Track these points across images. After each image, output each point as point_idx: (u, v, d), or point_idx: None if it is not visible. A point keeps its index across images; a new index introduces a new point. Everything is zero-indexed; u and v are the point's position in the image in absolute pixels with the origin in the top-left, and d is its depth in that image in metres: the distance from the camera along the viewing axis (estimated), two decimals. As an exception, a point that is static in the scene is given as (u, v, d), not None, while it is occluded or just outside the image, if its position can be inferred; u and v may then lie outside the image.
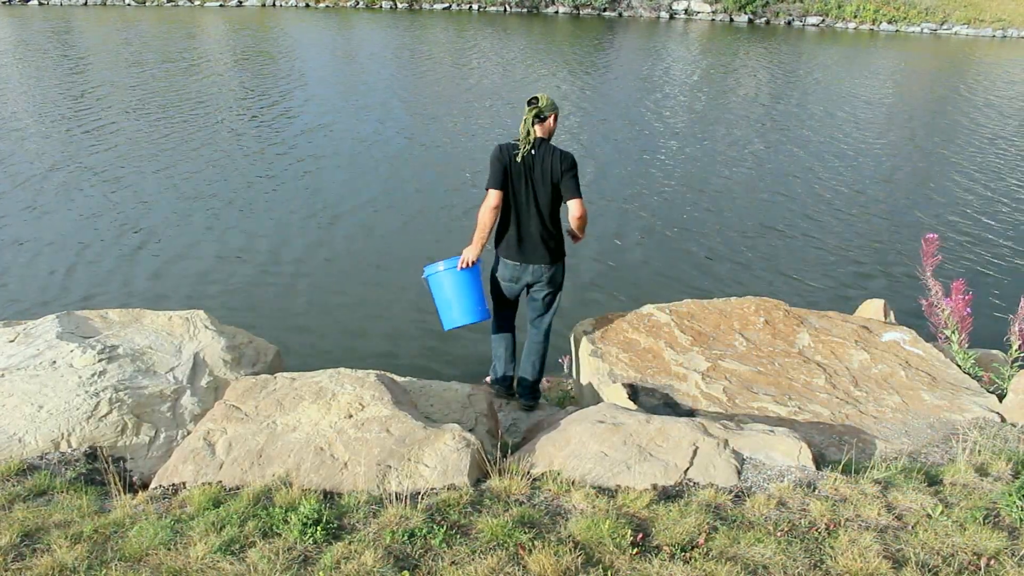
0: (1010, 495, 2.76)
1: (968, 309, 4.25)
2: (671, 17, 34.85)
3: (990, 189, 11.62)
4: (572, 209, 4.12)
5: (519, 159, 4.06)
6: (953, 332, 4.31)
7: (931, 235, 4.41)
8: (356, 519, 2.66)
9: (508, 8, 34.74)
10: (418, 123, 14.57)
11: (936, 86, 21.03)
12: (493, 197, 4.06)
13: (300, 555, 2.47)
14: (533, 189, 4.10)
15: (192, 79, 17.73)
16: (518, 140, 4.11)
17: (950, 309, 4.29)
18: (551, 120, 4.12)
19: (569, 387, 5.16)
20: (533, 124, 4.07)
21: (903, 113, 17.41)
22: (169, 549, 2.50)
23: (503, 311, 4.48)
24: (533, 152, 4.08)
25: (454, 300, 4.18)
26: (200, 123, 13.75)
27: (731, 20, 34.39)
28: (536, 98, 4.09)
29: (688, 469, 2.99)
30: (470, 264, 4.15)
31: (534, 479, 2.97)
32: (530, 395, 4.55)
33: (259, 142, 12.78)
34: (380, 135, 13.56)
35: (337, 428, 3.11)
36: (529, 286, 4.32)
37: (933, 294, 4.38)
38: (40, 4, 31.80)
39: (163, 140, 12.58)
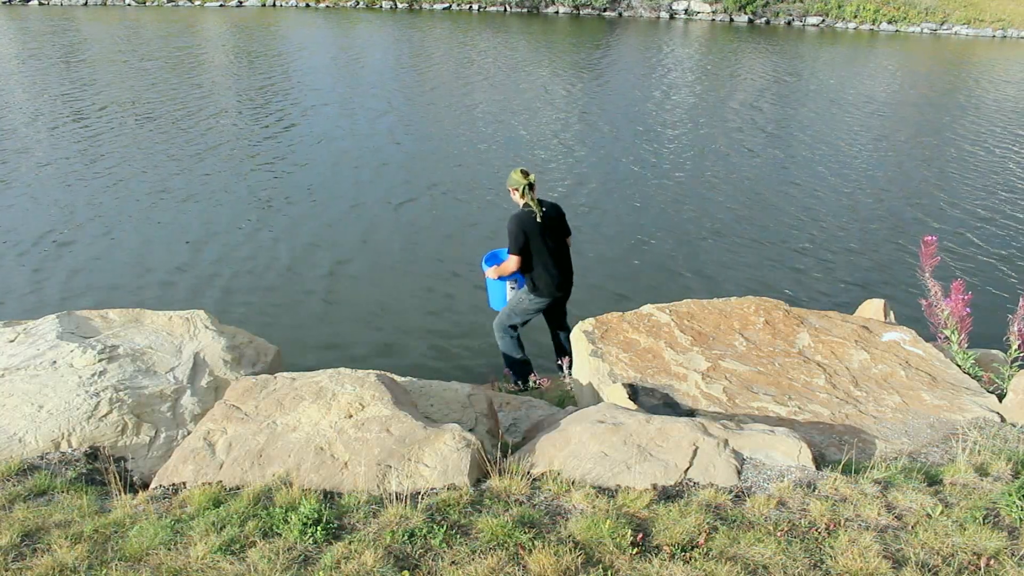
0: (1010, 495, 2.76)
1: (967, 309, 4.24)
2: (671, 17, 34.85)
3: (991, 188, 11.62)
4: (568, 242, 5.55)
5: (539, 219, 5.18)
6: (952, 332, 4.31)
7: (929, 237, 4.40)
8: (356, 519, 2.66)
9: (508, 8, 34.74)
10: (418, 123, 14.57)
11: (936, 86, 21.03)
12: (515, 263, 5.21)
13: (300, 555, 2.47)
14: (555, 239, 5.31)
15: (191, 79, 17.73)
16: (527, 206, 5.21)
17: (949, 310, 4.28)
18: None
19: (569, 387, 5.16)
20: (532, 190, 5.19)
21: (903, 113, 17.41)
22: (169, 549, 2.50)
23: (519, 328, 5.64)
24: (544, 210, 5.22)
25: (496, 294, 5.71)
26: (198, 123, 13.75)
27: (731, 20, 34.39)
28: (527, 171, 5.21)
29: (688, 469, 2.99)
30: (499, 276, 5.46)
31: (534, 479, 2.97)
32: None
33: (257, 142, 12.78)
34: (380, 135, 13.56)
35: (337, 428, 3.11)
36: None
37: (932, 295, 4.38)
38: (40, 4, 31.81)
39: (161, 140, 12.58)
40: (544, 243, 5.27)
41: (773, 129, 15.20)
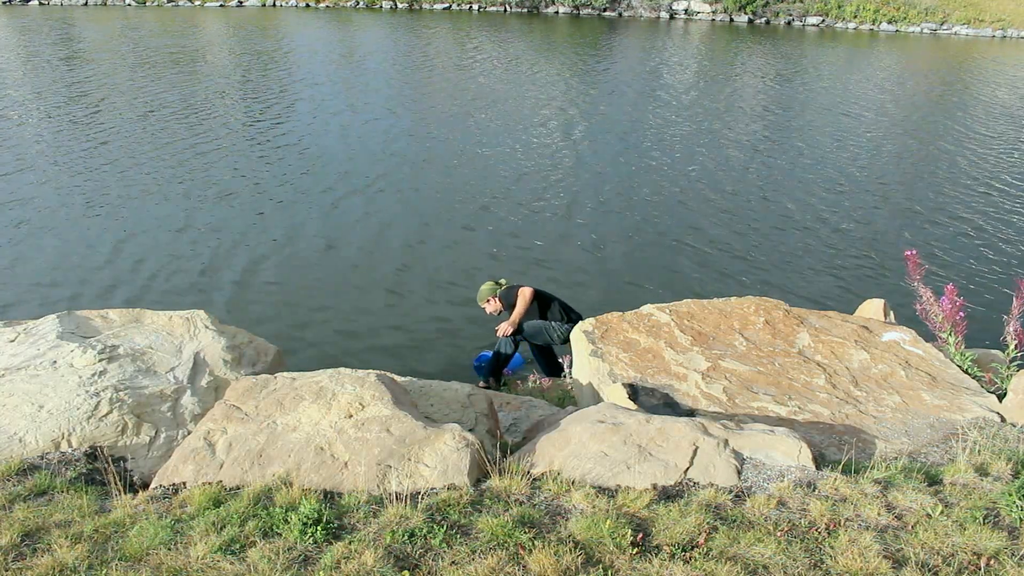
0: (1010, 495, 2.76)
1: (961, 314, 4.25)
2: (671, 17, 34.84)
3: (991, 187, 11.62)
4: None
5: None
6: (949, 335, 4.31)
7: (910, 251, 4.46)
8: (356, 519, 2.66)
9: (508, 8, 34.74)
10: (418, 124, 14.57)
11: (935, 86, 21.03)
12: (530, 291, 5.70)
13: (300, 555, 2.47)
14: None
15: (191, 79, 17.73)
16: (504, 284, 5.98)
17: (943, 314, 4.29)
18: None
19: (569, 387, 5.16)
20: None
21: (903, 113, 17.41)
22: (169, 549, 2.50)
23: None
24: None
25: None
26: (198, 122, 13.76)
27: (731, 20, 34.38)
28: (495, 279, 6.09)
29: (688, 469, 2.99)
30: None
31: (534, 479, 2.97)
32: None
33: (258, 142, 12.78)
34: (380, 135, 13.56)
35: (337, 428, 3.11)
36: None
37: (924, 300, 4.39)
38: (40, 4, 31.81)
39: (162, 139, 12.58)
40: (547, 295, 5.76)
41: (772, 129, 15.20)
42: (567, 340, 5.56)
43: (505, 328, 5.70)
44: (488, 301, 5.91)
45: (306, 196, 10.27)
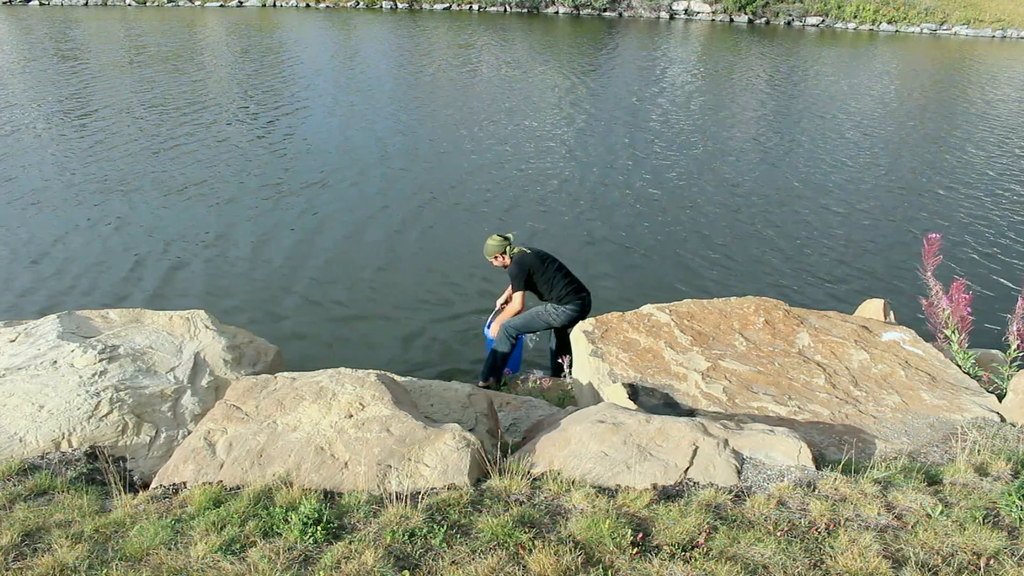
0: (1010, 495, 2.76)
1: (968, 309, 4.24)
2: (671, 17, 34.86)
3: (989, 189, 11.62)
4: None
5: (530, 251, 5.64)
6: (953, 332, 4.31)
7: (933, 235, 4.41)
8: (356, 519, 2.67)
9: (508, 8, 34.76)
10: (418, 124, 14.57)
11: (935, 87, 21.04)
12: (520, 299, 5.59)
13: (300, 555, 2.47)
14: (559, 264, 5.67)
15: (185, 79, 17.73)
16: (514, 247, 5.68)
17: (950, 309, 4.29)
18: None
19: (569, 387, 5.16)
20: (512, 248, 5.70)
21: (902, 114, 17.42)
22: (170, 549, 2.51)
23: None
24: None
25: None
26: (199, 123, 13.76)
27: (731, 20, 34.41)
28: (502, 234, 5.70)
29: (688, 469, 2.99)
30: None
31: (534, 479, 2.97)
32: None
33: (258, 142, 12.78)
34: (379, 135, 13.56)
35: (337, 428, 3.12)
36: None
37: (933, 294, 4.38)
38: (40, 4, 31.82)
39: (163, 139, 12.58)
40: (553, 268, 5.61)
41: (771, 130, 15.21)
42: (572, 321, 5.51)
43: (495, 329, 5.74)
44: (496, 257, 5.78)
45: (293, 194, 10.26)
